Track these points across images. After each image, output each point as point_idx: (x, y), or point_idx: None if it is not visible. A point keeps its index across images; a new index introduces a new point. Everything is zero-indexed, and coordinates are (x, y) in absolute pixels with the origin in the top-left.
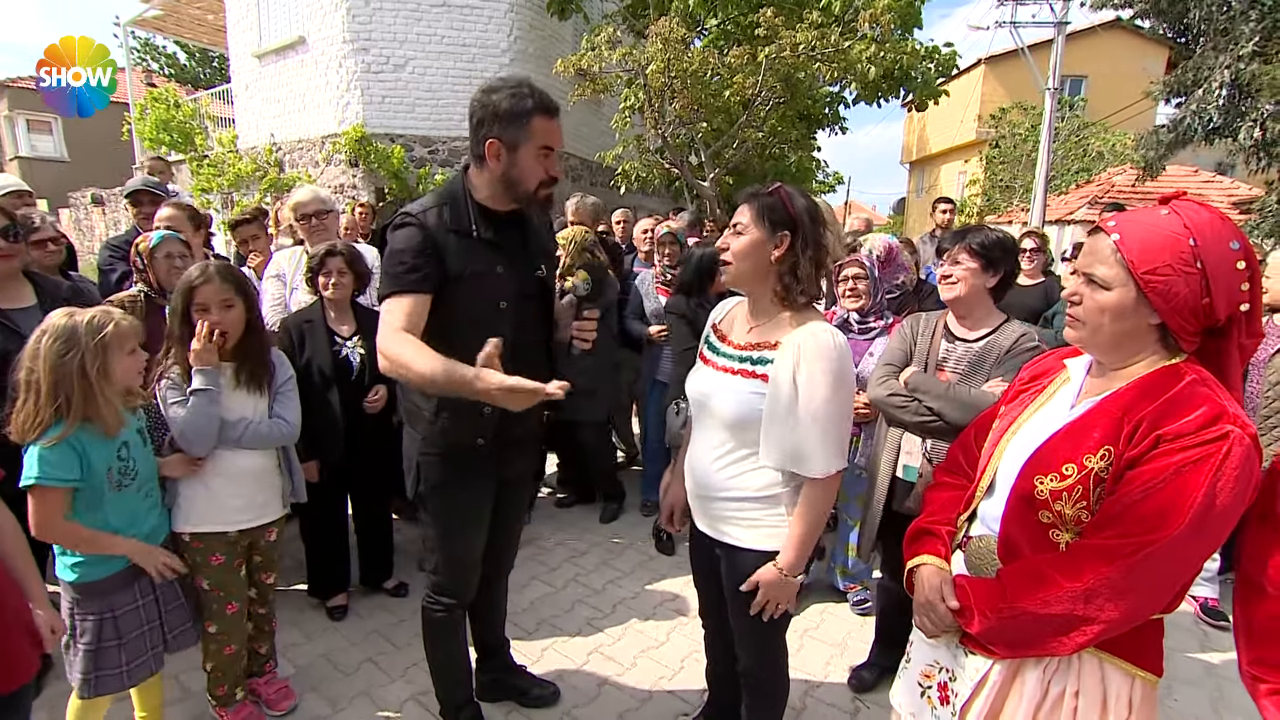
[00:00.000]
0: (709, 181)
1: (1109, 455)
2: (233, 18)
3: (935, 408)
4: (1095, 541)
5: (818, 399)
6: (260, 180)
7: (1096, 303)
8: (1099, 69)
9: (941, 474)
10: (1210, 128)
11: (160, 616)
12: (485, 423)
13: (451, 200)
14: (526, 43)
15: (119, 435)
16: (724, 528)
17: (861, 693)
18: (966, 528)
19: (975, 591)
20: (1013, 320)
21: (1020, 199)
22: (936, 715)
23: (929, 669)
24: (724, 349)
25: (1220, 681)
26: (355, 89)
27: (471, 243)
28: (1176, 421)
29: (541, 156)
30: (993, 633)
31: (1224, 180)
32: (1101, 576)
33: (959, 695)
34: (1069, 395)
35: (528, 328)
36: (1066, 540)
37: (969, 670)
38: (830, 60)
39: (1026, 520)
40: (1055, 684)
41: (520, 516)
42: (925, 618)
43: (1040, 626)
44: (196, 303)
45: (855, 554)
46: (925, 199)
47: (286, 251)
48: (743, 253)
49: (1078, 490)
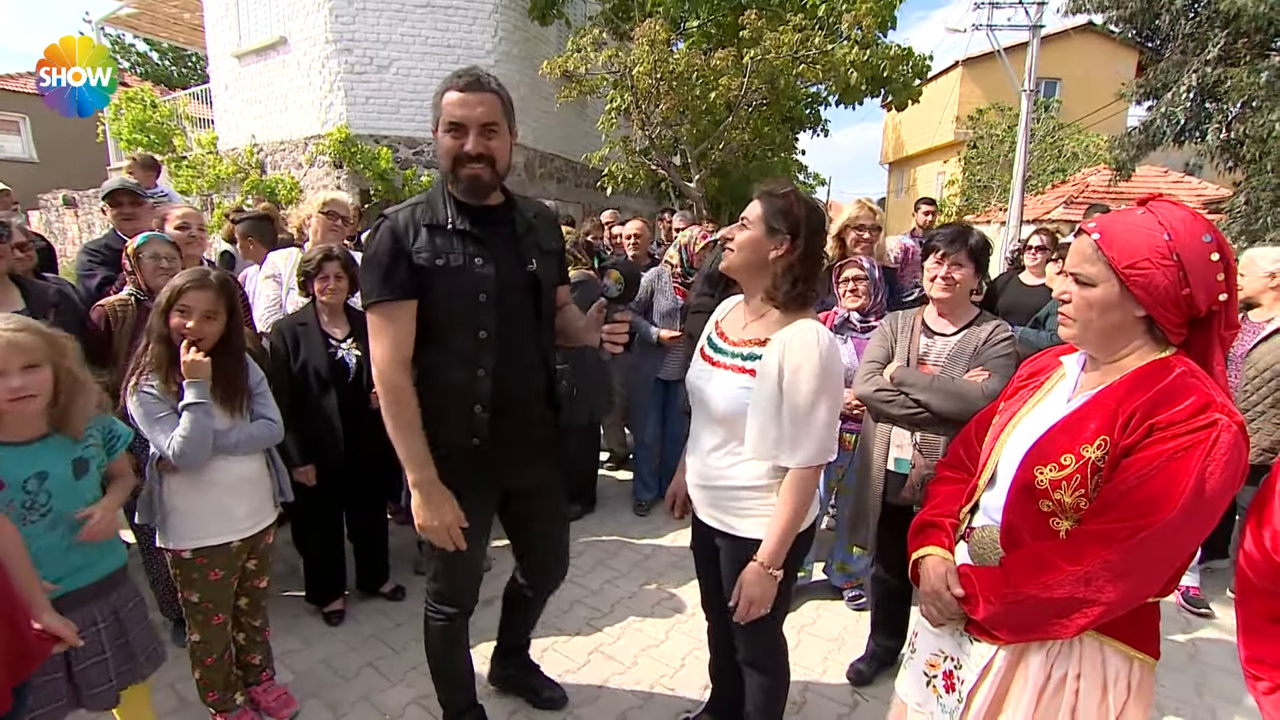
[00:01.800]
0: (694, 182)
1: (1105, 445)
2: (211, 17)
3: (921, 399)
4: (1094, 527)
5: (801, 393)
6: (242, 182)
7: (1085, 299)
8: (1072, 72)
9: (944, 468)
10: (1179, 130)
11: (66, 673)
12: (478, 422)
13: (430, 197)
14: (511, 44)
15: (20, 465)
16: (722, 516)
17: (860, 686)
18: (969, 519)
19: (980, 579)
20: (986, 314)
21: (998, 199)
22: (942, 703)
23: (934, 658)
24: (722, 345)
25: (1204, 668)
26: (339, 90)
27: (446, 235)
28: (1168, 411)
29: (450, 132)
30: (997, 618)
31: (1193, 181)
32: (1100, 560)
33: (965, 682)
34: (1065, 390)
35: (514, 324)
36: (1066, 528)
37: (974, 657)
38: (814, 62)
39: (1028, 510)
40: (1058, 668)
41: (550, 533)
42: (932, 606)
43: (1043, 610)
44: (181, 304)
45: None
46: (905, 199)
47: (283, 252)
48: (743, 244)
49: (1076, 479)
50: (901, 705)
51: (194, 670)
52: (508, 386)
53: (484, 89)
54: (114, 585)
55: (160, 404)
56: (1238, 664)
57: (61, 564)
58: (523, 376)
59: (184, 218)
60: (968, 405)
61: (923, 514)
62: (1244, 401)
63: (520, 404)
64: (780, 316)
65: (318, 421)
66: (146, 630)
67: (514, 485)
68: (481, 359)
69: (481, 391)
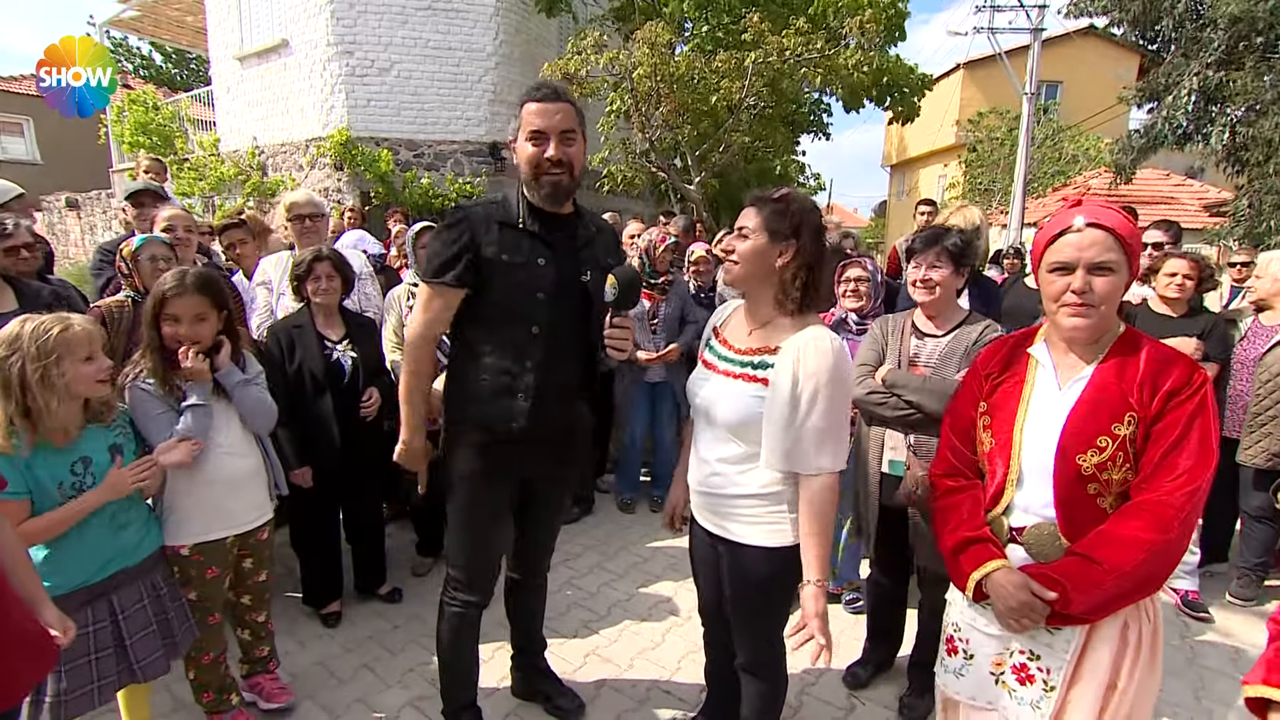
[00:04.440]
0: (695, 185)
1: (1133, 420)
2: (213, 20)
3: (913, 400)
4: (1153, 496)
5: (818, 402)
6: (243, 184)
7: (1112, 285)
8: (1073, 74)
9: (945, 479)
10: (1180, 133)
11: (123, 641)
12: (518, 410)
13: (505, 198)
14: (512, 46)
15: (71, 448)
16: (727, 524)
17: (857, 689)
18: (1006, 523)
19: (1067, 577)
20: (975, 314)
21: (999, 202)
22: (1018, 696)
23: (999, 657)
24: (725, 353)
25: (1202, 671)
26: (340, 92)
27: (516, 233)
28: (1170, 379)
29: (532, 140)
30: (1100, 604)
31: (1194, 184)
32: (1181, 520)
33: (1051, 671)
34: (1049, 378)
35: (564, 325)
36: (1110, 504)
37: (1058, 646)
38: (816, 66)
39: (1080, 496)
40: (1130, 629)
41: (550, 523)
42: (1024, 619)
43: (1136, 582)
44: (167, 313)
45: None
46: (906, 201)
47: (273, 257)
48: (747, 255)
49: (1120, 457)
50: (954, 703)
51: (188, 671)
52: (550, 382)
53: (561, 99)
54: (154, 565)
55: (156, 401)
56: (1236, 668)
57: (112, 545)
58: (565, 376)
59: (171, 220)
60: None
61: (962, 531)
62: (1256, 405)
63: (558, 401)
64: (789, 323)
65: (314, 423)
66: (181, 608)
67: (536, 475)
68: (531, 351)
69: (526, 382)
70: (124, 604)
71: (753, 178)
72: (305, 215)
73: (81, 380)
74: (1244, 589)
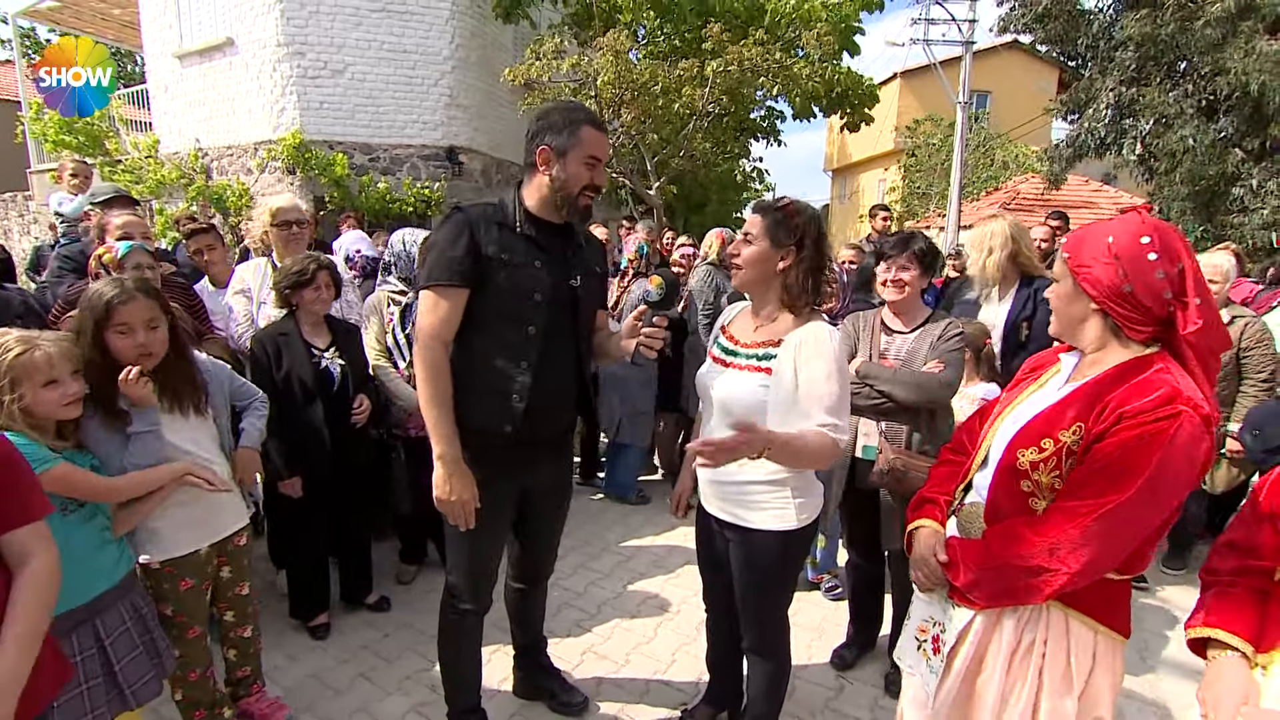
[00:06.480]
0: (654, 190)
1: (1079, 431)
2: (148, 15)
3: (885, 390)
4: (1062, 504)
5: (818, 383)
6: (186, 187)
7: (1055, 293)
8: (1000, 85)
9: (947, 453)
10: (1100, 143)
11: (112, 668)
12: (514, 411)
13: (501, 201)
14: (468, 50)
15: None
16: (737, 510)
17: (844, 670)
18: (962, 497)
19: (963, 549)
20: (938, 313)
21: (936, 205)
22: (930, 665)
23: (924, 624)
24: (733, 348)
25: (1146, 635)
26: (291, 94)
27: (513, 235)
28: (1137, 401)
29: (588, 165)
30: (975, 584)
31: (1111, 190)
32: (1064, 532)
33: (946, 644)
34: (1059, 382)
35: (557, 330)
36: (1043, 507)
37: (955, 621)
38: (774, 75)
39: (1011, 489)
40: (1028, 633)
41: (555, 528)
42: (919, 571)
43: (1014, 577)
44: (119, 323)
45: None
46: (848, 205)
47: (251, 264)
48: (751, 260)
49: (1052, 461)
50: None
51: (174, 692)
52: (544, 384)
53: (605, 129)
54: (130, 586)
55: (108, 439)
56: (1174, 630)
57: (91, 564)
58: (559, 378)
59: (125, 226)
60: (927, 394)
61: (922, 491)
62: None
63: (553, 403)
64: (791, 320)
65: (304, 432)
66: (159, 628)
67: (534, 482)
68: (526, 353)
69: (521, 384)
70: (108, 628)
71: (711, 184)
72: (291, 221)
73: (42, 405)
74: (1173, 560)
